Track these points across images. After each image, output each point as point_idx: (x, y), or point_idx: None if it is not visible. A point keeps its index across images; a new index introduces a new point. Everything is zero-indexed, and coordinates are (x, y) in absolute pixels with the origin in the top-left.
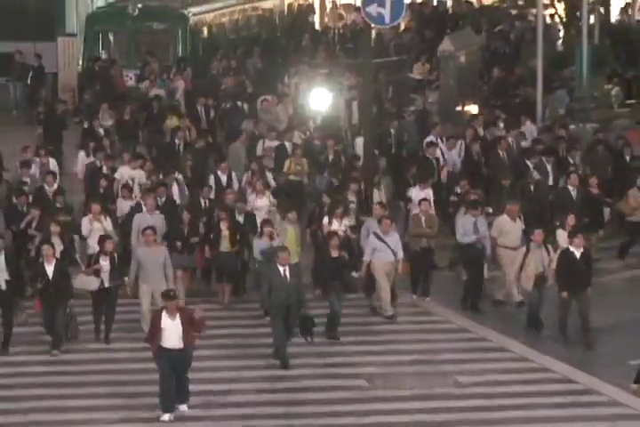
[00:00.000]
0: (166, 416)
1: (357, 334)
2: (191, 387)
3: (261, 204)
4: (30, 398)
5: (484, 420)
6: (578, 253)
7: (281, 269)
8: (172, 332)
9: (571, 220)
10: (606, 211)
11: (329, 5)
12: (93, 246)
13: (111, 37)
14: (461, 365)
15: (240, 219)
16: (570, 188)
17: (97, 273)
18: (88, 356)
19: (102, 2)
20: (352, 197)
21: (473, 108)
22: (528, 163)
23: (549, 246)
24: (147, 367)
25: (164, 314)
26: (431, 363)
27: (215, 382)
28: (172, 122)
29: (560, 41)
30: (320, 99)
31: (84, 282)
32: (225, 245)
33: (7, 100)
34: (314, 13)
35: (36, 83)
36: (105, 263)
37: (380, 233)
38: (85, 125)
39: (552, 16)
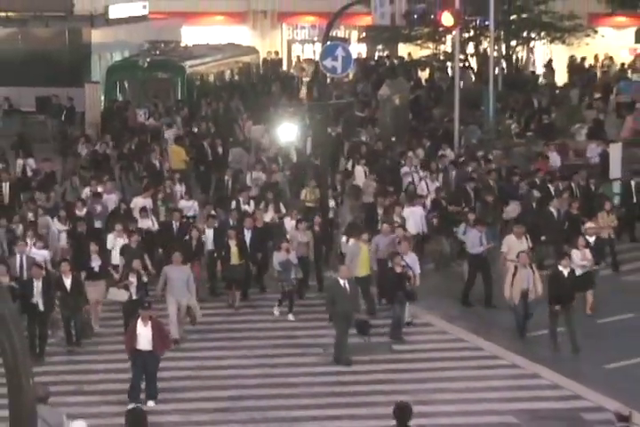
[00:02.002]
0: (131, 405)
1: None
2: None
3: (290, 225)
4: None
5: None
6: (565, 272)
7: (342, 282)
8: (144, 336)
9: (581, 241)
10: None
11: (294, 60)
12: (115, 257)
13: (126, 84)
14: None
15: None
16: (552, 209)
17: (126, 287)
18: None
19: (119, 57)
20: (397, 218)
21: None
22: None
23: (534, 266)
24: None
25: (139, 321)
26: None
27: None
28: (174, 150)
29: (472, 87)
30: (287, 132)
31: (117, 294)
32: (234, 259)
33: (45, 133)
34: (282, 66)
35: (68, 120)
36: (133, 279)
37: (401, 252)
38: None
39: (466, 68)
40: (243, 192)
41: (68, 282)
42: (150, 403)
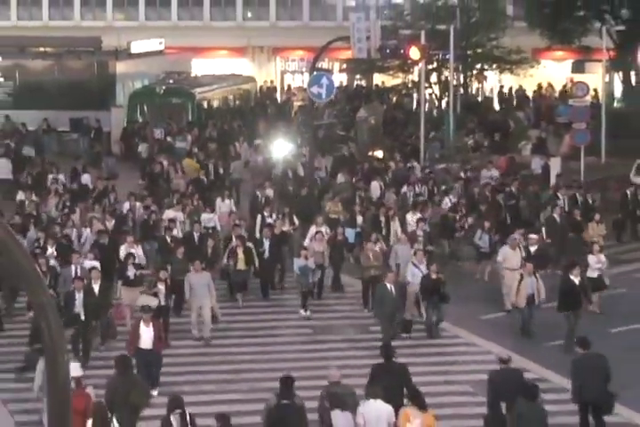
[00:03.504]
0: None
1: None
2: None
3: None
4: None
5: None
6: (576, 281)
7: (389, 286)
8: (146, 336)
9: (596, 246)
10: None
11: (286, 87)
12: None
13: (145, 108)
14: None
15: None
16: (555, 216)
17: (155, 294)
18: None
19: (139, 85)
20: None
21: (379, 153)
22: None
23: (537, 275)
24: (178, 362)
25: (141, 323)
26: None
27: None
28: (187, 162)
29: (435, 110)
30: (281, 148)
31: (147, 301)
32: (240, 264)
33: (77, 149)
34: (276, 92)
35: (96, 138)
36: (161, 287)
37: (416, 262)
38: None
39: (430, 94)
40: (266, 207)
41: (96, 288)
42: (154, 392)
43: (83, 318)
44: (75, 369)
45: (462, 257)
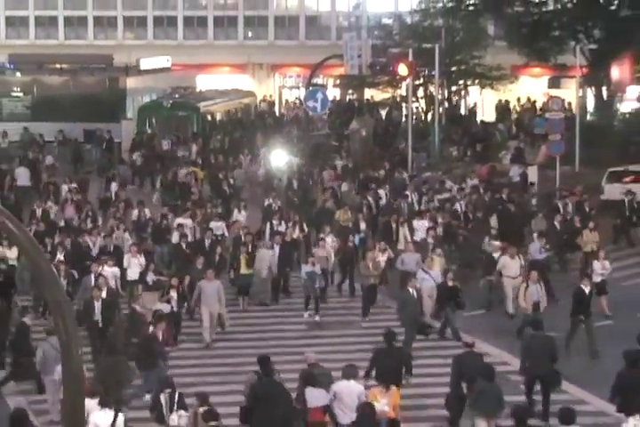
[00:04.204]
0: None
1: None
2: None
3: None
4: None
5: None
6: (587, 290)
7: (411, 291)
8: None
9: (601, 253)
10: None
11: (284, 101)
12: (131, 275)
13: (153, 120)
14: None
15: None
16: (556, 224)
17: (168, 301)
18: None
19: (148, 99)
20: (408, 232)
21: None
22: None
23: (541, 283)
24: (196, 363)
25: (151, 327)
26: None
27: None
28: (194, 169)
29: (422, 123)
30: (280, 157)
31: (160, 307)
32: (243, 269)
33: (91, 158)
34: (274, 105)
35: (108, 148)
36: (174, 294)
37: (426, 268)
38: None
39: (417, 108)
40: (275, 215)
41: (103, 294)
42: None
43: (101, 325)
44: None
45: (464, 262)
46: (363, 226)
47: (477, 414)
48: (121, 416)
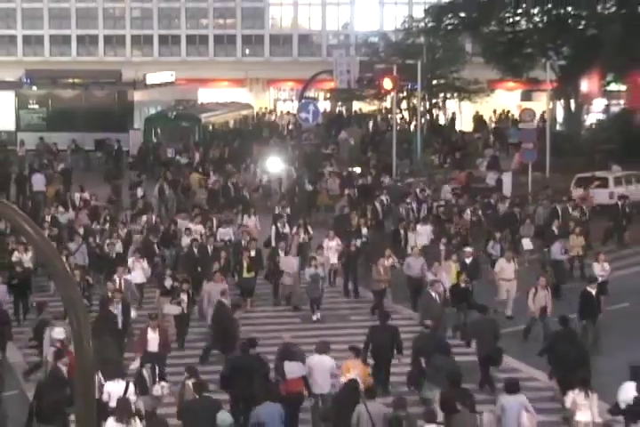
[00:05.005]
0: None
1: None
2: None
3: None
4: None
5: None
6: (593, 292)
7: (433, 294)
8: (152, 340)
9: (602, 256)
10: None
11: (278, 113)
12: (135, 279)
13: (159, 130)
14: None
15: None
16: (554, 228)
17: (179, 303)
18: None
19: (154, 110)
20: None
21: (357, 169)
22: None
23: (549, 289)
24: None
25: (149, 329)
26: None
27: None
28: (194, 176)
29: (405, 132)
30: (274, 164)
31: (171, 309)
32: (246, 272)
33: (100, 165)
34: (269, 116)
35: (116, 156)
36: (184, 297)
37: (434, 271)
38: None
39: (401, 119)
40: (280, 218)
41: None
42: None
43: (120, 326)
44: (60, 333)
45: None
46: (364, 231)
47: (435, 387)
48: (132, 386)
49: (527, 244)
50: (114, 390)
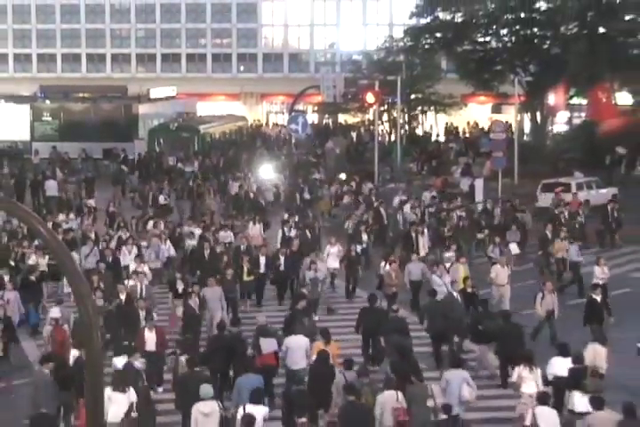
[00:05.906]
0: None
1: None
2: None
3: (333, 250)
4: None
5: None
6: (598, 299)
7: (455, 294)
8: (150, 340)
9: (602, 260)
10: None
11: (271, 124)
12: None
13: (161, 140)
14: None
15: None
16: (548, 232)
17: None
18: None
19: (157, 122)
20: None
21: (343, 176)
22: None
23: (555, 293)
24: None
25: (146, 329)
26: None
27: None
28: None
29: (386, 142)
30: (267, 172)
31: (179, 311)
32: (245, 275)
33: (108, 172)
34: (263, 128)
35: (122, 164)
36: (196, 300)
37: (439, 274)
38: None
39: (382, 130)
40: (287, 223)
41: (123, 296)
42: (159, 389)
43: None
44: (55, 312)
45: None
46: (364, 237)
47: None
48: (137, 363)
49: (514, 248)
50: (120, 365)
